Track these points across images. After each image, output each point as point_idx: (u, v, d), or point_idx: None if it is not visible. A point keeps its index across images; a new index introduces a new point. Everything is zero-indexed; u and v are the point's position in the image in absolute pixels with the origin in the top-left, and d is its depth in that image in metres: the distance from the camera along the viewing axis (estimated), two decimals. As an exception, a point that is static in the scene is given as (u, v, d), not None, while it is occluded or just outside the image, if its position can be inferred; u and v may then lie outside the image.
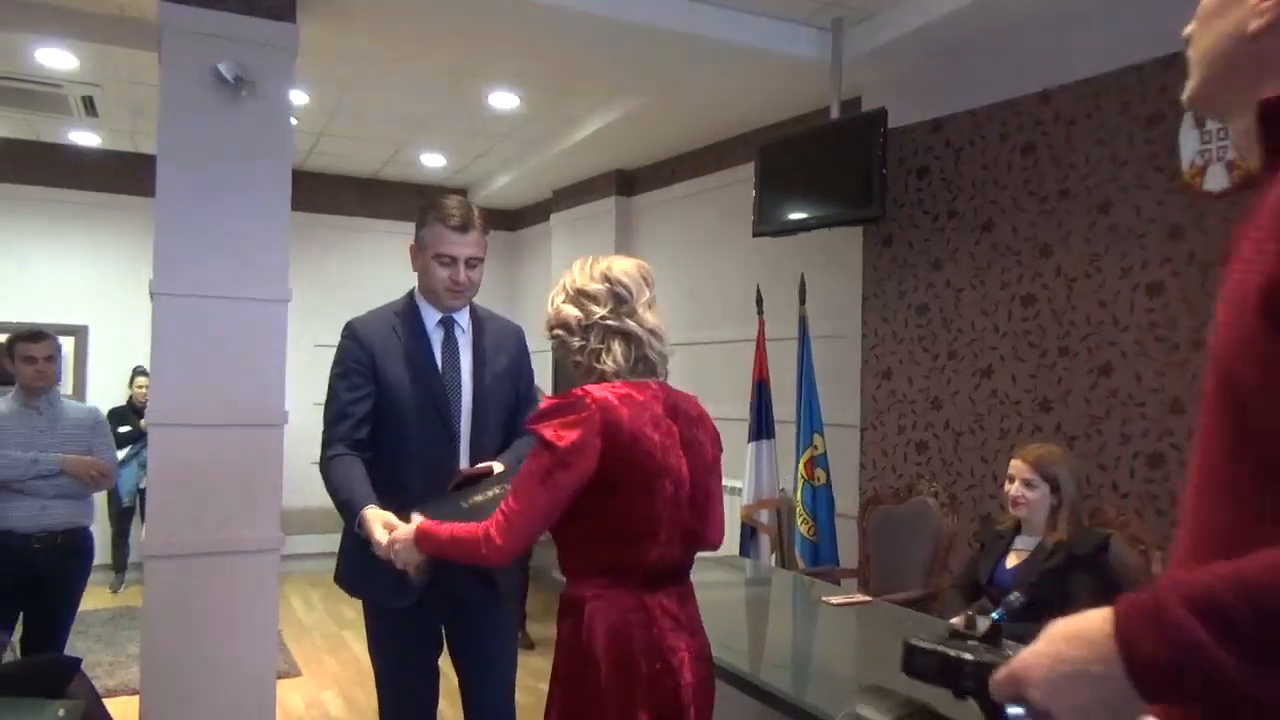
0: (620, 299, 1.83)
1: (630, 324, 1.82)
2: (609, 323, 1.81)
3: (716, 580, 3.45)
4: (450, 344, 2.44)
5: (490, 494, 2.03)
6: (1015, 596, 2.08)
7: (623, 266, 1.87)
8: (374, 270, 7.84)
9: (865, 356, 4.59)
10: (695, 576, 3.17)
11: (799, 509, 4.60)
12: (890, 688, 1.01)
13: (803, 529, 4.59)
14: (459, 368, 2.43)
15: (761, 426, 4.85)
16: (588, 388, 1.76)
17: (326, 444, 2.36)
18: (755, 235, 4.74)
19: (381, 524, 2.05)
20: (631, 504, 1.75)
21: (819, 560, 4.52)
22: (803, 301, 4.70)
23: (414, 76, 5.19)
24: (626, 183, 6.82)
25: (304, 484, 7.85)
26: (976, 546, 3.40)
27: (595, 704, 1.71)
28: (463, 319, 2.48)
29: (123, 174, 6.90)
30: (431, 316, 2.44)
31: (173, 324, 3.55)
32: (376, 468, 2.30)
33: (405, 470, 2.31)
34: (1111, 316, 3.59)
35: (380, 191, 7.96)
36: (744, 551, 4.79)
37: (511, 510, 1.71)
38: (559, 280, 1.90)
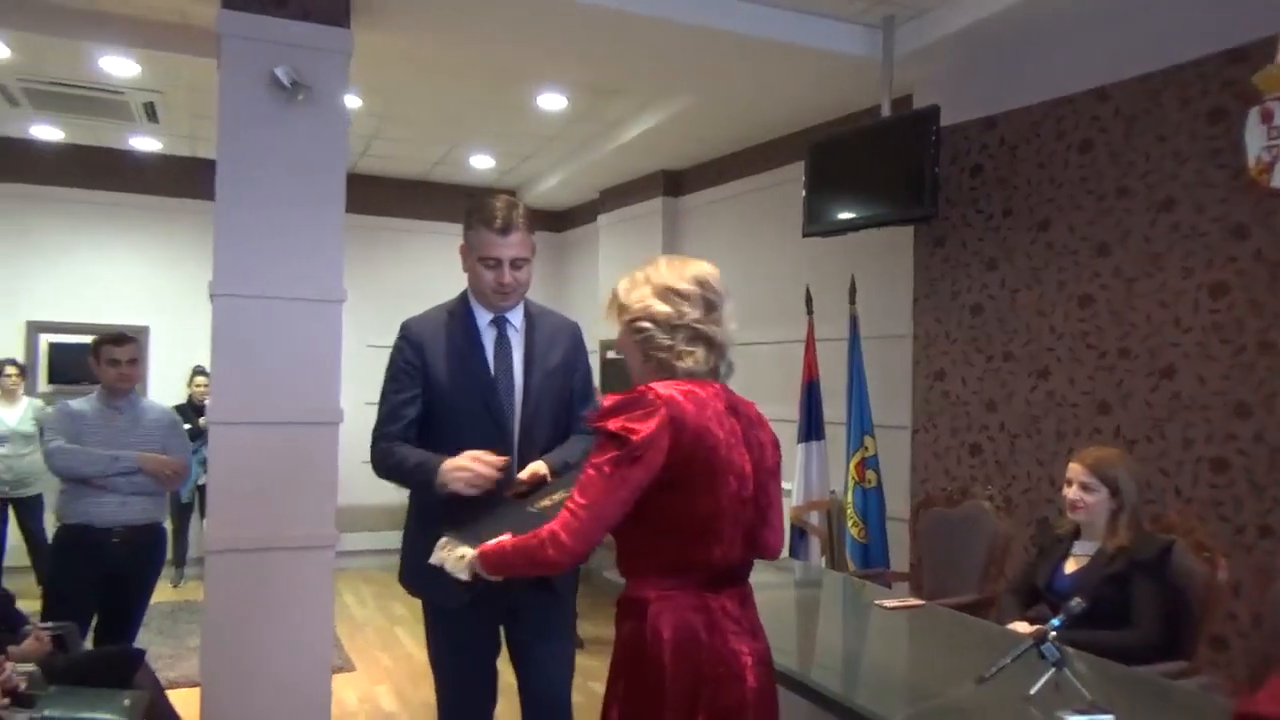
0: (711, 305, 1.83)
1: (717, 331, 1.83)
2: (700, 327, 1.81)
3: (767, 581, 3.42)
4: (503, 343, 2.45)
5: (557, 497, 2.02)
6: (1076, 603, 2.06)
7: (711, 272, 1.87)
8: (424, 271, 7.93)
9: (917, 357, 4.54)
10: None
11: (849, 511, 4.56)
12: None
13: (853, 531, 4.56)
14: (511, 367, 2.43)
15: (811, 428, 4.82)
16: (652, 385, 1.74)
17: (376, 442, 2.40)
18: (805, 235, 4.70)
19: (469, 456, 2.14)
20: (696, 501, 1.73)
21: (869, 563, 4.49)
22: (853, 302, 4.66)
23: (464, 79, 5.24)
24: (674, 183, 6.82)
25: (356, 482, 7.93)
26: (1033, 551, 3.34)
27: (656, 708, 1.69)
28: (515, 317, 2.49)
29: (182, 179, 7.07)
30: (484, 316, 2.45)
31: (231, 324, 3.63)
32: None
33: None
34: (1173, 317, 3.50)
35: (430, 193, 8.05)
36: (794, 553, 4.76)
37: (579, 507, 1.69)
38: (640, 271, 1.87)
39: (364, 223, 7.35)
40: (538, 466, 2.23)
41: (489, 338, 2.45)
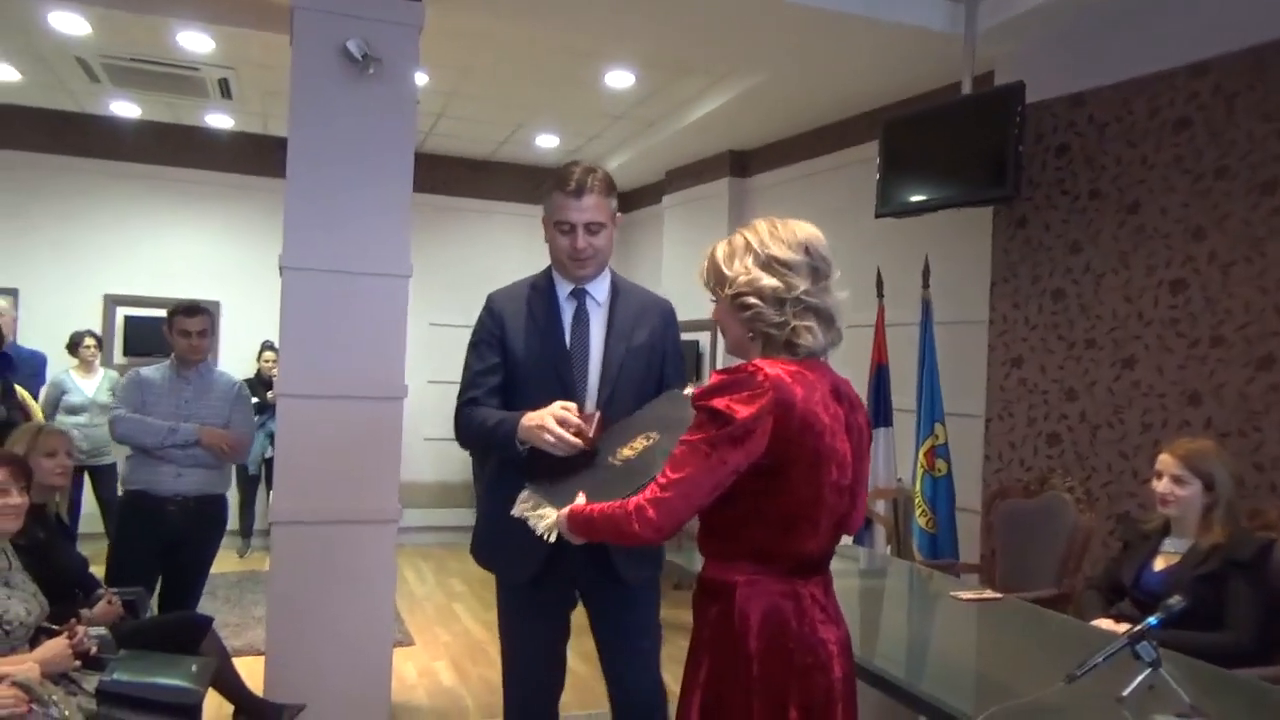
0: (819, 274, 1.70)
1: (828, 301, 1.70)
2: (811, 299, 1.68)
3: (832, 569, 3.35)
4: (581, 317, 2.37)
5: (637, 445, 1.93)
6: (1176, 600, 1.94)
7: (815, 235, 1.74)
8: (488, 251, 7.96)
9: (993, 343, 4.38)
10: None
11: (917, 500, 4.43)
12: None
13: (921, 521, 4.43)
14: (588, 342, 2.35)
15: (879, 414, 4.69)
16: (758, 363, 1.64)
17: (458, 412, 2.38)
18: (878, 216, 4.57)
19: (553, 415, 2.07)
20: (795, 490, 1.64)
21: (937, 553, 4.36)
22: (926, 285, 4.52)
23: (532, 56, 5.20)
24: (741, 164, 6.70)
25: (418, 459, 8.07)
26: (1118, 546, 3.19)
27: (743, 696, 1.62)
28: (599, 291, 2.39)
29: (254, 156, 7.17)
30: (564, 289, 2.38)
31: (300, 298, 3.65)
32: None
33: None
34: (1274, 304, 3.31)
35: (495, 172, 8.06)
36: (858, 541, 4.65)
37: (670, 483, 1.59)
38: (739, 236, 1.74)
39: (429, 202, 7.38)
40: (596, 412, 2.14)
41: (568, 310, 2.37)
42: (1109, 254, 3.87)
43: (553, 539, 1.86)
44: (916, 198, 4.37)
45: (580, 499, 1.81)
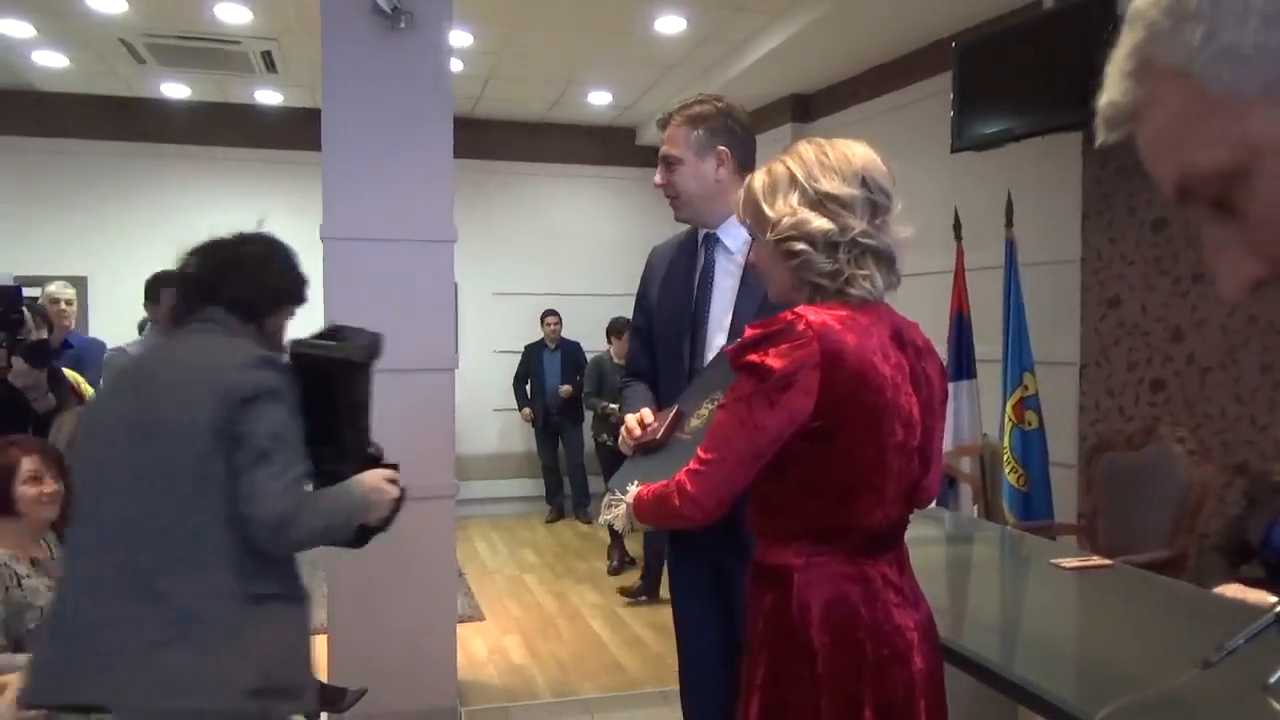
0: (878, 208, 1.46)
1: (887, 240, 1.46)
2: (869, 240, 1.44)
3: (911, 536, 3.09)
4: (706, 265, 2.14)
5: (704, 413, 1.73)
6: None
7: (873, 161, 1.49)
8: (547, 216, 7.79)
9: (1086, 283, 4.02)
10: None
11: (1007, 456, 4.12)
12: None
13: (1011, 478, 4.12)
14: (710, 290, 2.11)
15: (961, 365, 4.38)
16: (800, 310, 1.40)
17: (620, 378, 2.34)
18: (954, 151, 4.23)
19: (626, 426, 1.90)
20: (853, 453, 1.41)
21: (1030, 513, 4.05)
22: (1009, 224, 4.16)
23: (579, 7, 4.95)
24: (803, 108, 6.36)
25: (486, 430, 8.01)
26: (1243, 503, 2.86)
27: (808, 698, 1.40)
28: (731, 237, 2.11)
29: (303, 130, 7.06)
30: (700, 235, 2.18)
31: (342, 269, 3.51)
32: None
33: (661, 399, 2.11)
34: None
35: (549, 134, 7.84)
36: (942, 503, 4.36)
37: (706, 455, 1.41)
38: (780, 164, 1.50)
39: (483, 168, 7.22)
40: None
41: (699, 261, 2.16)
42: (1218, 177, 3.48)
43: (620, 527, 1.69)
44: (996, 129, 4.03)
45: (634, 487, 1.64)
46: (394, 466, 2.22)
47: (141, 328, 5.95)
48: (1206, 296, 3.53)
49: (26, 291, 3.79)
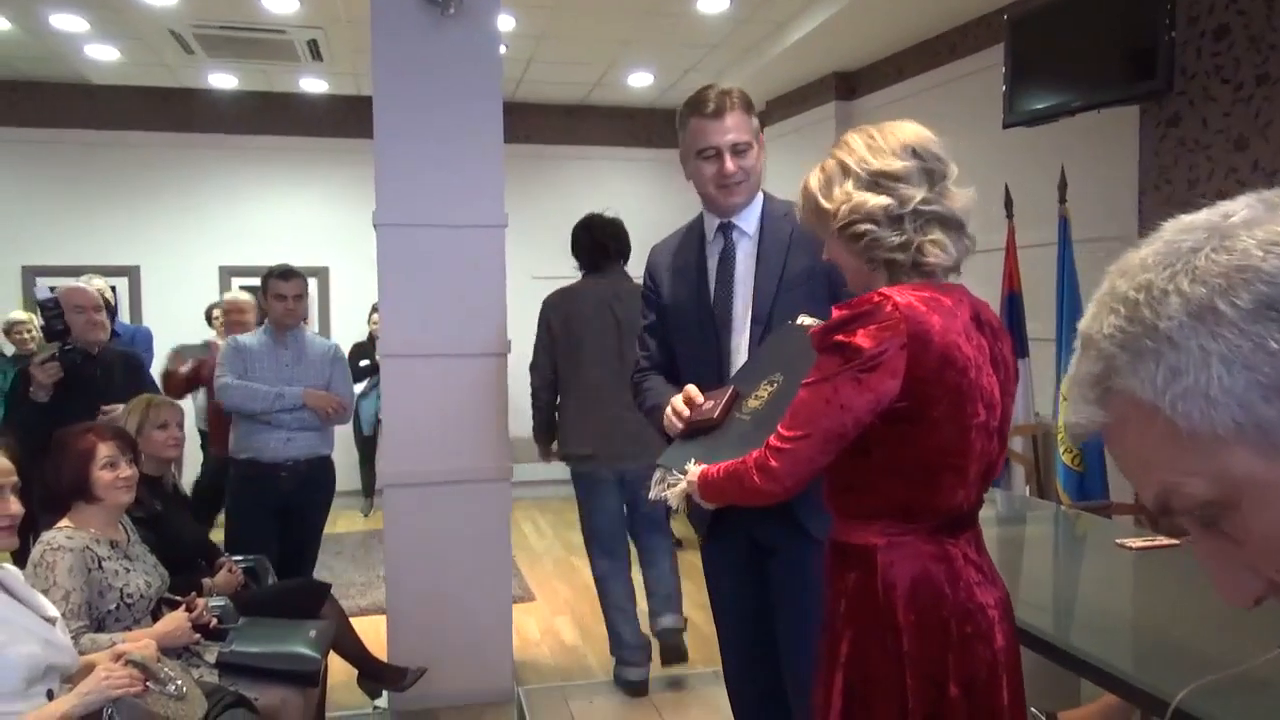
0: (934, 175, 1.47)
1: (952, 205, 1.47)
2: (931, 207, 1.45)
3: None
4: (727, 255, 2.13)
5: (763, 394, 1.73)
6: None
7: (920, 133, 1.50)
8: (587, 199, 7.72)
9: (1144, 260, 3.94)
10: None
11: (1062, 436, 4.07)
12: None
13: (1066, 458, 4.07)
14: (733, 279, 2.12)
15: (1014, 344, 4.32)
16: (886, 291, 1.40)
17: (631, 378, 2.31)
18: (1006, 126, 4.16)
19: (683, 396, 1.88)
20: (938, 434, 1.41)
21: (1084, 494, 4.00)
22: (1063, 200, 4.08)
23: (620, -14, 4.94)
24: (847, 86, 6.29)
25: (528, 412, 8.06)
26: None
27: (894, 675, 1.41)
28: (747, 222, 2.13)
29: (350, 118, 7.15)
30: (712, 225, 2.17)
31: (396, 255, 3.55)
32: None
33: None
34: None
35: (589, 117, 7.83)
36: (994, 482, 4.33)
37: (791, 432, 1.42)
38: (830, 160, 1.53)
39: (524, 152, 7.23)
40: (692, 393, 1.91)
41: (715, 250, 2.16)
42: (1283, 148, 3.39)
43: (676, 506, 1.71)
44: (1050, 102, 3.95)
45: (695, 467, 1.66)
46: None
47: (208, 316, 6.08)
48: (1270, 271, 3.46)
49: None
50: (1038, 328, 4.31)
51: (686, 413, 1.86)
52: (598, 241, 3.74)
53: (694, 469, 1.67)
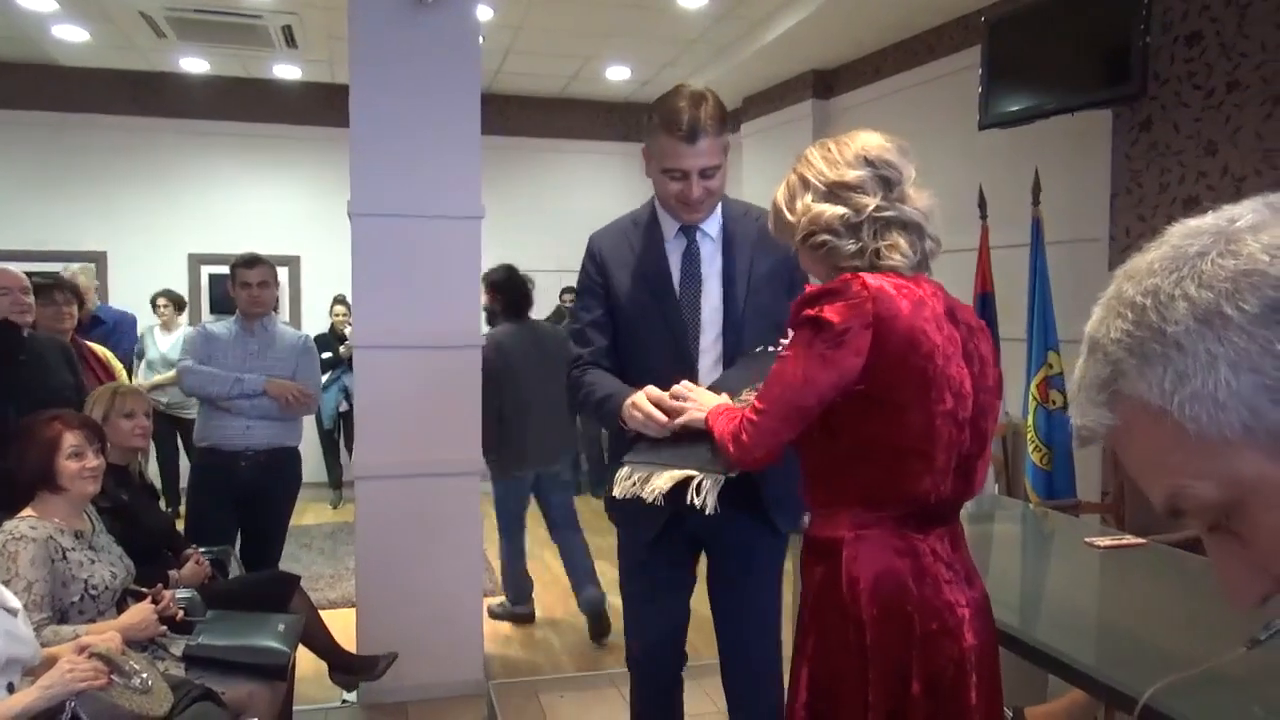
0: (889, 183, 1.51)
1: (907, 210, 1.51)
2: (886, 213, 1.50)
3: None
4: (691, 256, 2.11)
5: (748, 397, 1.71)
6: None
7: (875, 142, 1.54)
8: (564, 192, 7.76)
9: (1114, 262, 3.99)
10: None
11: (1031, 435, 4.11)
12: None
13: (1035, 457, 4.12)
14: (699, 282, 2.10)
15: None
16: (862, 275, 1.44)
17: (568, 372, 2.21)
18: (982, 128, 4.19)
19: (648, 396, 1.82)
20: (904, 418, 1.43)
21: (1053, 492, 4.05)
22: (1036, 202, 4.13)
23: (599, -22, 4.92)
24: (824, 84, 6.31)
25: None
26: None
27: (856, 669, 1.43)
28: (710, 225, 2.13)
29: (323, 106, 7.07)
30: (671, 226, 2.13)
31: (371, 245, 3.52)
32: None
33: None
34: None
35: (567, 110, 7.81)
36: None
37: (761, 405, 1.48)
38: (792, 175, 1.59)
39: (501, 144, 7.20)
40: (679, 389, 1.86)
41: (676, 249, 2.12)
42: (1251, 153, 3.45)
43: (651, 497, 1.70)
44: (1025, 105, 3.99)
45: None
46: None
47: (152, 305, 6.01)
48: (1237, 276, 3.51)
49: (50, 267, 3.79)
50: (1008, 328, 4.35)
51: (660, 415, 1.79)
52: (522, 293, 4.51)
53: (667, 473, 1.68)
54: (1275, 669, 1.60)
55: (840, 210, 1.50)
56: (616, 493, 1.77)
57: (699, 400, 1.71)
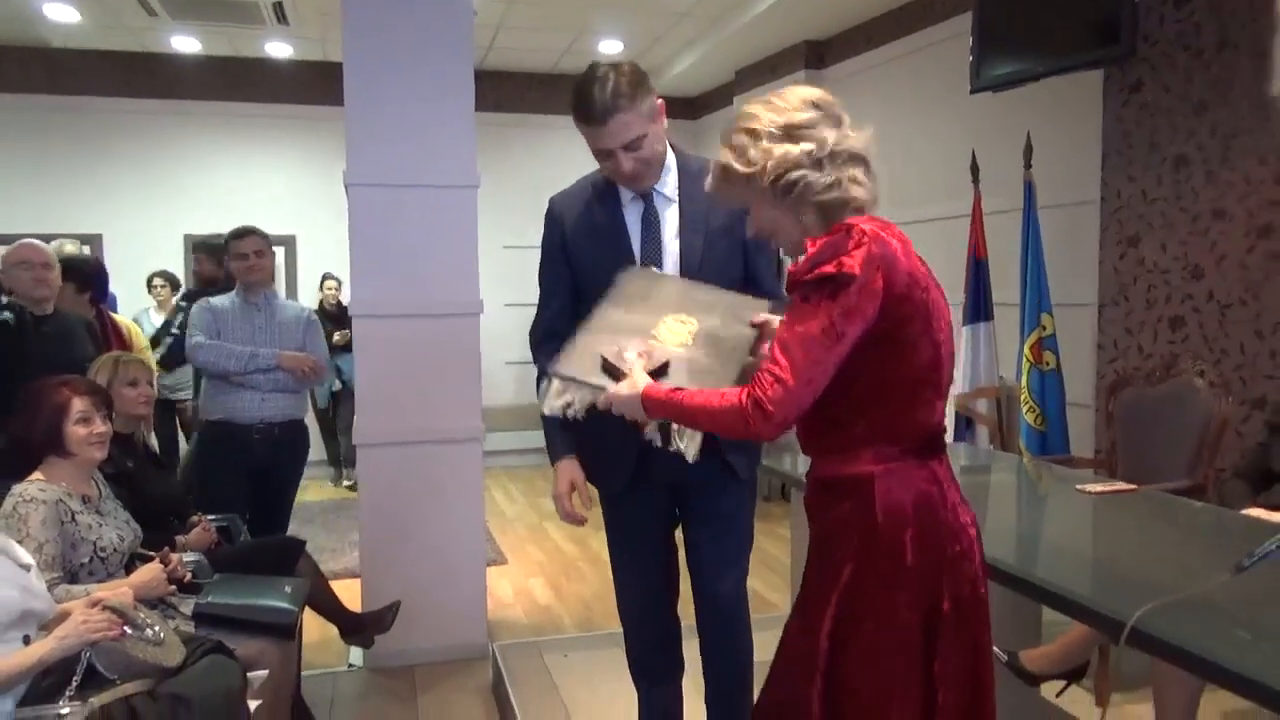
0: (838, 119, 1.52)
1: (859, 144, 1.51)
2: (845, 146, 1.49)
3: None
4: (650, 219, 2.13)
5: (688, 334, 1.70)
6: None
7: (811, 89, 1.55)
8: (559, 168, 7.69)
9: (1105, 223, 4.03)
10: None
11: (1024, 396, 4.16)
12: None
13: (1029, 418, 4.16)
14: (660, 243, 2.11)
15: (979, 309, 4.41)
16: (849, 221, 1.45)
17: (532, 335, 2.25)
18: (974, 92, 4.21)
19: (568, 485, 1.96)
20: (916, 350, 1.46)
21: (1047, 452, 4.10)
22: (1028, 165, 4.15)
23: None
24: (817, 55, 6.31)
25: (500, 382, 8.05)
26: (1256, 433, 2.91)
27: (888, 595, 1.45)
28: (666, 184, 2.13)
29: (316, 84, 7.07)
30: (628, 191, 2.14)
31: (367, 215, 3.54)
32: None
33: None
34: None
35: (560, 86, 7.79)
36: (959, 440, 4.42)
37: (787, 373, 1.40)
38: (737, 135, 1.53)
39: (494, 120, 7.18)
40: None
41: (635, 212, 2.14)
42: (1240, 111, 3.48)
43: (570, 411, 1.70)
44: (1016, 68, 4.01)
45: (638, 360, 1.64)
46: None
47: (148, 286, 6.02)
48: (1226, 233, 3.55)
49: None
50: (1001, 293, 4.39)
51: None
52: None
53: (640, 372, 1.61)
54: (1260, 594, 1.65)
55: (807, 146, 1.47)
56: (545, 410, 1.77)
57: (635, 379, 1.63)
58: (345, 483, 6.88)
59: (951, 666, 1.46)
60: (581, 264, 2.15)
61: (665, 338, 1.71)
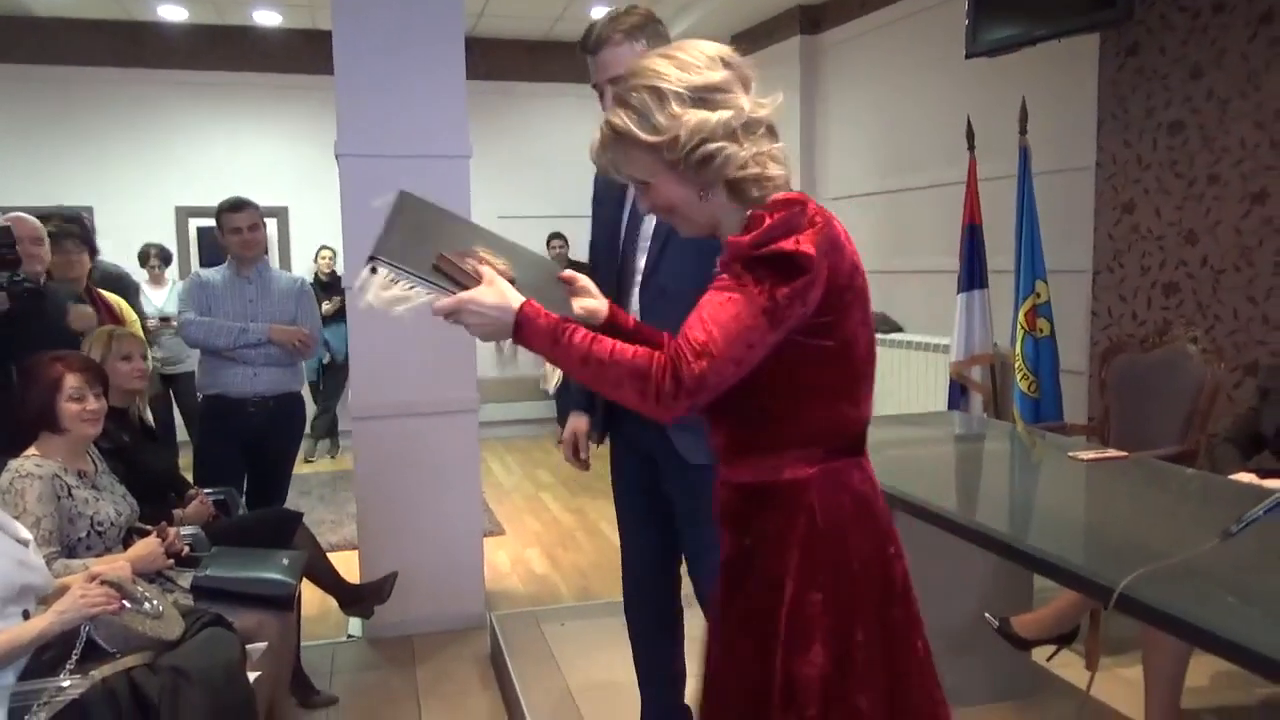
0: (747, 82, 1.32)
1: (772, 115, 1.33)
2: (761, 114, 1.30)
3: (925, 437, 3.16)
4: (636, 209, 2.10)
5: (501, 261, 1.42)
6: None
7: (718, 45, 1.35)
8: (552, 137, 7.70)
9: (1100, 189, 4.02)
10: (893, 434, 2.84)
11: (1019, 363, 4.17)
12: None
13: (1023, 385, 4.18)
14: (638, 235, 2.07)
15: (973, 276, 4.40)
16: (795, 195, 1.31)
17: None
18: (969, 57, 4.18)
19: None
20: (856, 342, 1.32)
21: (1040, 419, 4.12)
22: (1023, 131, 4.13)
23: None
24: (811, 19, 6.25)
25: (495, 352, 8.07)
26: (1248, 399, 2.93)
27: (848, 616, 1.32)
28: None
29: (306, 53, 6.99)
30: None
31: (359, 186, 3.51)
32: None
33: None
34: None
35: (553, 53, 7.73)
36: (953, 409, 4.44)
37: (724, 342, 1.20)
38: (632, 94, 1.30)
39: (487, 88, 7.13)
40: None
41: (628, 196, 2.12)
42: (1236, 75, 3.46)
43: (400, 309, 1.40)
44: (1012, 32, 3.97)
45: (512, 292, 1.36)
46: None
47: (142, 259, 5.99)
48: (1221, 199, 3.54)
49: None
50: (996, 260, 4.39)
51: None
52: None
53: (505, 283, 1.36)
54: (1247, 560, 1.67)
55: (724, 114, 1.26)
56: (370, 297, 1.40)
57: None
58: (310, 458, 6.81)
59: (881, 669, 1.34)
60: (594, 221, 2.22)
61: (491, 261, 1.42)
